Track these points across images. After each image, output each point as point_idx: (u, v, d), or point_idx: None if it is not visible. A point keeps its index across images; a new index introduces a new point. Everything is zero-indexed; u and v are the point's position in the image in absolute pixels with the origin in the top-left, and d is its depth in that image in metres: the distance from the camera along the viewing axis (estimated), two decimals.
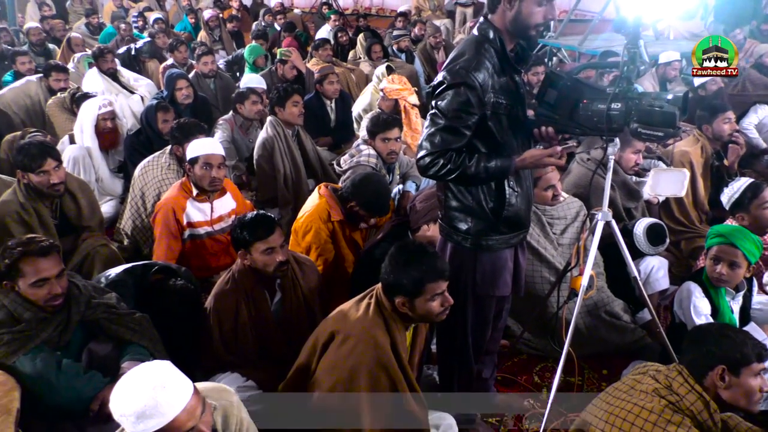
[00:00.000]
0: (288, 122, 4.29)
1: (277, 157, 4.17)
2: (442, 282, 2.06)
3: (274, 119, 4.27)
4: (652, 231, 3.13)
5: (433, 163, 2.00)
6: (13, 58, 6.14)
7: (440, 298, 2.07)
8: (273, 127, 4.24)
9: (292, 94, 4.27)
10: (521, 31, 2.01)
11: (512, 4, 1.97)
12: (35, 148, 3.16)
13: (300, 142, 4.41)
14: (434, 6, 11.19)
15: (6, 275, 2.20)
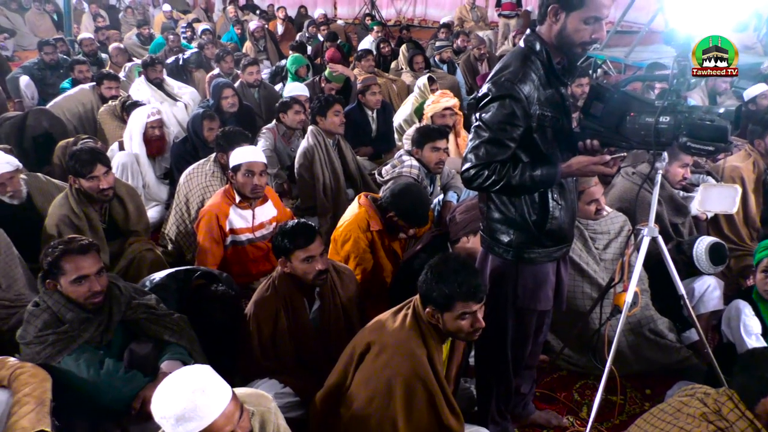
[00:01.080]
0: (329, 131, 4.32)
1: (317, 166, 4.21)
2: (473, 303, 2.03)
3: (315, 129, 4.31)
4: (713, 250, 3.04)
5: (477, 174, 1.98)
6: (71, 66, 6.38)
7: (470, 318, 2.04)
8: (314, 136, 4.28)
9: (334, 104, 4.31)
10: (566, 47, 1.99)
11: (558, 17, 1.95)
12: (86, 154, 3.25)
13: (340, 151, 4.44)
14: (477, 17, 11.18)
15: (49, 273, 2.28)
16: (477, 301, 2.04)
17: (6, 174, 3.34)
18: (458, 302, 2.01)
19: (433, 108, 4.47)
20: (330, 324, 2.67)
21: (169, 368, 2.28)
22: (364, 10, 12.69)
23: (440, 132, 3.81)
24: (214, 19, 12.66)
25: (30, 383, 2.03)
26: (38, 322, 2.24)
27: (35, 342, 2.21)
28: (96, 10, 11.69)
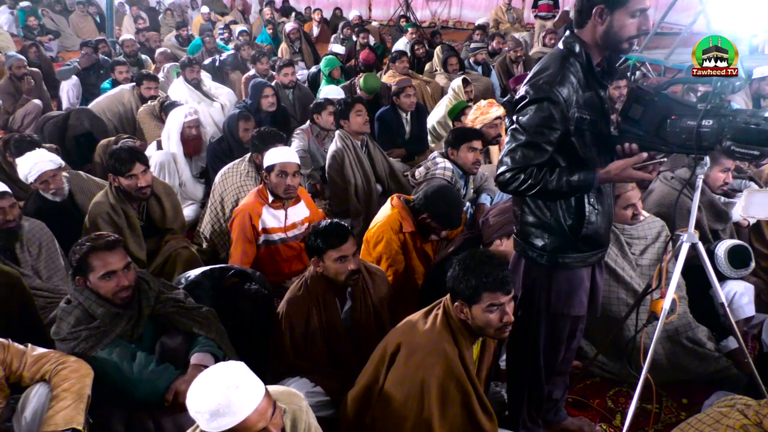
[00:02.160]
0: (355, 132, 4.31)
1: (347, 169, 4.21)
2: (501, 294, 2.02)
3: (341, 132, 4.30)
4: (734, 253, 2.95)
5: (513, 178, 1.96)
6: (112, 67, 6.55)
7: (499, 312, 2.03)
8: (342, 139, 4.27)
9: (354, 104, 4.29)
10: (613, 45, 1.95)
11: (603, 18, 1.92)
12: (125, 153, 3.32)
13: (369, 152, 4.43)
14: (513, 19, 11.09)
15: (78, 271, 2.33)
16: (504, 293, 2.02)
17: (49, 172, 3.44)
18: (485, 293, 2.01)
19: (483, 119, 4.41)
20: (361, 324, 2.68)
21: (199, 360, 2.32)
22: (398, 11, 12.71)
23: (476, 132, 3.80)
24: (251, 21, 12.83)
25: (70, 378, 2.07)
26: (71, 319, 2.29)
27: (69, 338, 2.25)
28: (137, 12, 11.97)
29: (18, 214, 3.05)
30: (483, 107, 4.56)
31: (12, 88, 6.48)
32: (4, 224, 2.96)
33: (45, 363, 2.13)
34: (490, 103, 4.62)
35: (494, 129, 4.47)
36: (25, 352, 2.15)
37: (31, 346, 2.19)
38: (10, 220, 2.97)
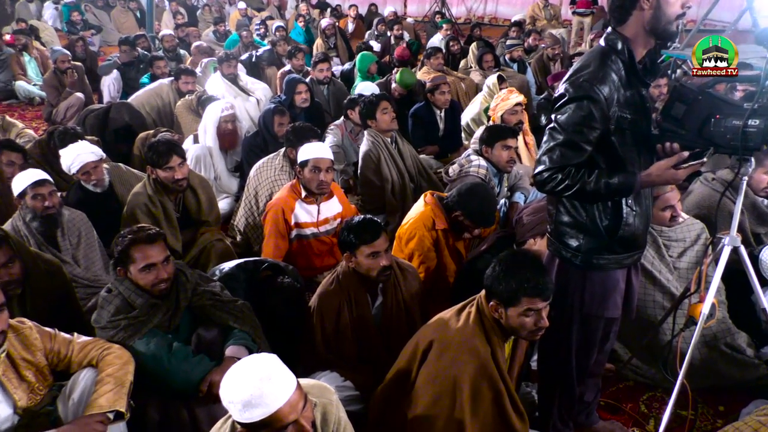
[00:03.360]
0: (383, 130, 4.28)
1: (384, 168, 4.18)
2: (539, 300, 1.99)
3: (371, 131, 4.27)
4: None
5: (551, 178, 1.93)
6: (151, 62, 6.68)
7: (534, 316, 2.01)
8: (372, 138, 4.24)
9: (380, 102, 4.25)
10: (663, 27, 1.90)
11: (650, 1, 1.87)
12: (163, 146, 3.38)
13: (398, 148, 4.40)
14: (550, 15, 10.95)
15: (119, 261, 2.38)
16: (543, 299, 2.00)
17: (91, 163, 3.53)
18: (524, 298, 1.99)
19: (504, 105, 4.39)
20: (391, 320, 2.68)
21: (234, 353, 2.35)
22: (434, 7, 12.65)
23: (511, 131, 3.76)
24: (287, 17, 12.94)
25: (114, 364, 2.14)
26: (111, 308, 2.35)
27: (109, 326, 2.31)
28: (176, 7, 12.17)
29: (58, 202, 3.14)
30: (503, 94, 4.54)
31: (56, 81, 6.66)
32: (44, 211, 3.05)
33: (91, 350, 2.20)
34: (510, 90, 4.59)
35: (515, 116, 4.44)
36: (72, 340, 2.22)
37: (77, 335, 2.27)
38: (50, 207, 3.06)
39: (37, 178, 3.08)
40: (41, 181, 3.07)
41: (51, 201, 3.07)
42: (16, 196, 3.09)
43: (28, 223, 3.05)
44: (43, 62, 8.30)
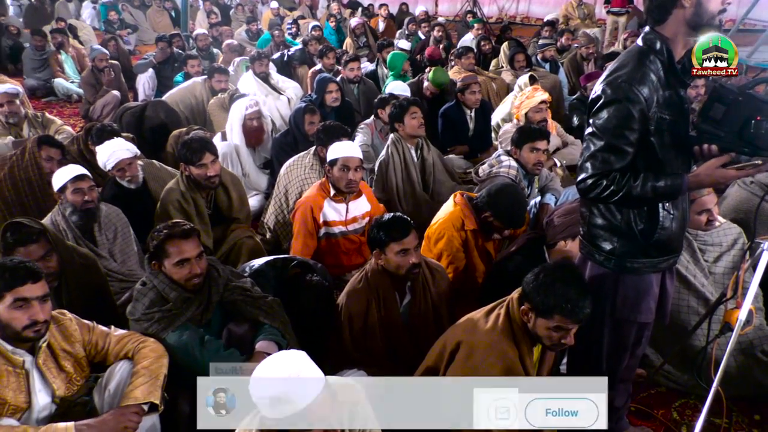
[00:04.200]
0: (410, 136, 4.23)
1: (390, 179, 4.13)
2: (571, 323, 1.98)
3: (395, 137, 4.22)
4: None
5: (595, 185, 1.90)
6: (184, 61, 6.79)
7: (562, 333, 2.00)
8: (393, 144, 4.19)
9: (409, 107, 4.20)
10: (705, 24, 1.87)
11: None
12: (196, 143, 3.44)
13: (422, 155, 4.32)
14: (584, 14, 10.78)
15: (154, 255, 2.44)
16: (576, 322, 1.99)
17: (126, 160, 3.60)
18: (557, 315, 1.98)
19: (528, 103, 4.36)
20: (419, 319, 2.68)
21: (264, 348, 2.38)
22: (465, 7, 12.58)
23: (541, 133, 3.72)
24: (318, 16, 13.01)
25: (149, 357, 2.19)
26: (145, 300, 2.40)
27: (143, 319, 2.37)
28: (210, 7, 12.34)
29: (97, 197, 3.22)
30: (528, 92, 4.50)
31: (93, 79, 6.81)
32: (83, 205, 3.12)
33: (127, 342, 2.26)
34: (535, 88, 4.55)
35: (539, 114, 4.39)
36: (109, 333, 2.29)
37: (113, 328, 2.33)
38: (89, 201, 3.14)
39: (77, 173, 3.16)
40: (81, 176, 3.16)
41: (90, 195, 3.15)
42: (56, 190, 3.17)
43: (67, 217, 3.13)
44: (80, 60, 8.49)
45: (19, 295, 1.98)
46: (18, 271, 2.00)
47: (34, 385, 2.07)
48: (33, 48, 8.11)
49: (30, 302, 2.00)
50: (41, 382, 2.09)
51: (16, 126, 4.82)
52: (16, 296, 1.98)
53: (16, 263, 2.04)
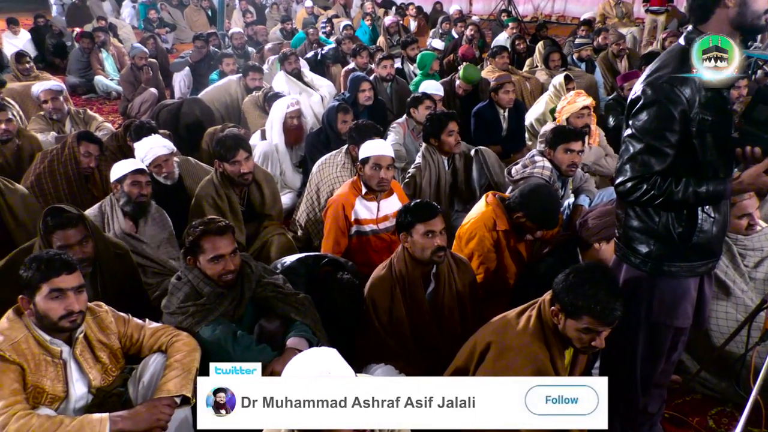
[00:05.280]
0: (445, 152, 4.11)
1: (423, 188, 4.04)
2: (601, 325, 1.95)
3: (428, 150, 4.09)
4: None
5: (635, 188, 1.87)
6: (220, 59, 6.89)
7: (592, 335, 1.97)
8: (424, 157, 4.07)
9: (447, 123, 4.01)
10: (750, 24, 1.82)
11: None
12: (230, 140, 3.48)
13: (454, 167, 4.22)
14: (621, 13, 10.60)
15: (189, 250, 2.48)
16: (606, 324, 1.95)
17: (162, 156, 3.67)
18: (586, 317, 1.95)
19: (570, 108, 4.29)
20: (443, 306, 2.69)
21: (295, 344, 2.41)
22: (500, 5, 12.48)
23: (576, 133, 3.66)
24: (352, 15, 13.06)
25: (182, 350, 2.24)
26: (180, 294, 2.45)
27: (177, 312, 2.41)
28: (245, 6, 12.49)
29: (150, 194, 3.29)
30: (570, 97, 4.42)
31: (132, 77, 6.96)
32: (138, 197, 3.20)
33: (161, 336, 2.31)
34: (578, 93, 4.47)
35: (581, 119, 4.31)
36: (143, 326, 2.34)
37: (148, 321, 2.38)
38: (143, 195, 3.22)
39: (138, 166, 3.27)
40: (141, 170, 3.26)
41: (146, 190, 3.24)
42: (113, 180, 3.25)
43: (120, 207, 3.21)
44: (119, 58, 8.68)
45: (55, 285, 2.04)
46: (53, 262, 2.06)
47: (71, 375, 2.12)
48: (81, 49, 8.36)
49: (65, 293, 2.05)
50: (78, 372, 2.15)
51: (58, 122, 4.96)
52: (51, 287, 2.03)
53: (52, 255, 2.10)
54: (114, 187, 3.27)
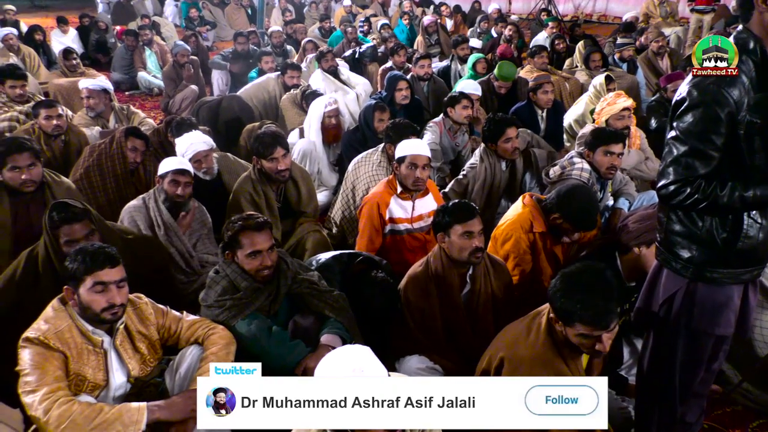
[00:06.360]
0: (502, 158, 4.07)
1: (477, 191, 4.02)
2: (596, 329, 1.90)
3: (485, 153, 4.05)
4: None
5: (678, 191, 1.82)
6: (259, 57, 6.97)
7: (592, 342, 1.93)
8: (481, 159, 4.03)
9: (505, 130, 3.91)
10: None
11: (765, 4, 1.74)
12: (268, 137, 3.53)
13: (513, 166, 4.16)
14: (666, 12, 10.34)
15: (228, 245, 2.52)
16: (601, 328, 1.91)
17: (202, 152, 3.73)
18: (578, 324, 1.92)
19: (609, 110, 4.20)
20: (478, 307, 2.68)
21: (328, 341, 2.43)
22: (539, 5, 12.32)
23: (617, 136, 3.59)
24: (390, 14, 13.07)
25: (218, 344, 2.28)
26: (218, 288, 2.49)
27: (215, 305, 2.46)
28: (284, 5, 12.63)
29: (189, 194, 3.33)
30: (610, 98, 4.33)
31: (174, 74, 7.09)
32: (174, 196, 3.27)
33: (198, 328, 2.35)
34: (618, 94, 4.37)
35: (621, 121, 4.22)
36: (181, 318, 2.39)
37: (185, 313, 2.43)
38: (180, 195, 3.28)
39: (181, 166, 3.32)
40: (183, 171, 3.30)
41: (183, 191, 3.28)
42: (158, 174, 3.34)
43: (157, 199, 3.29)
44: (162, 56, 8.87)
45: (98, 279, 2.09)
46: (98, 256, 2.12)
47: (112, 365, 2.18)
48: (125, 47, 8.58)
49: (108, 286, 2.11)
50: (118, 361, 2.21)
51: (102, 117, 5.09)
52: (95, 280, 2.09)
53: (96, 248, 2.15)
54: (157, 181, 3.35)
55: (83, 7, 13.19)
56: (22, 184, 3.15)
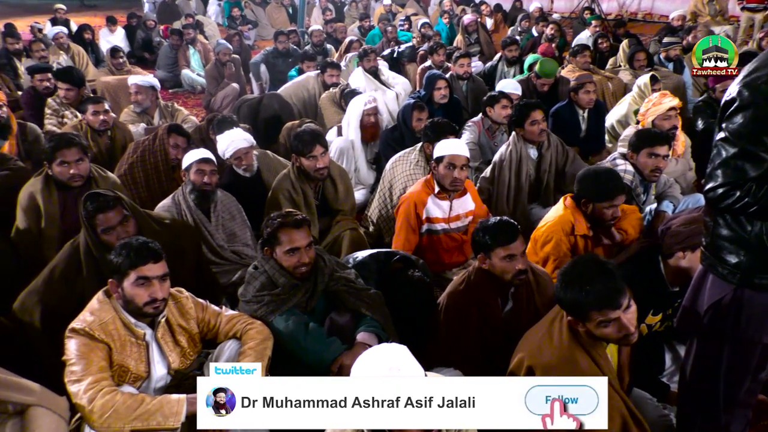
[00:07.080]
0: (530, 141, 4.11)
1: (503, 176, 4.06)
2: (608, 310, 1.88)
3: (516, 138, 4.11)
4: None
5: (727, 195, 1.77)
6: (301, 58, 7.04)
7: (615, 325, 1.90)
8: (513, 143, 4.09)
9: (530, 113, 4.02)
10: None
11: None
12: (307, 135, 3.56)
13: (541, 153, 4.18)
14: (715, 11, 10.03)
15: (267, 242, 2.56)
16: (613, 308, 1.88)
17: (243, 149, 3.79)
18: (591, 311, 1.89)
19: (656, 110, 4.10)
20: (522, 326, 2.60)
21: (365, 339, 2.44)
22: (582, 3, 12.10)
23: (662, 137, 3.50)
24: (429, 13, 13.03)
25: (256, 338, 2.31)
26: (256, 284, 2.53)
27: (253, 300, 2.49)
28: (325, 4, 12.73)
29: (215, 182, 3.42)
30: (655, 98, 4.22)
31: (216, 72, 7.22)
32: (201, 185, 3.34)
33: (236, 323, 2.39)
34: (663, 94, 4.26)
35: (668, 121, 4.12)
36: (220, 313, 2.43)
37: (224, 308, 2.47)
38: (207, 183, 3.35)
39: (203, 156, 3.41)
40: (206, 159, 3.39)
41: (210, 179, 3.36)
42: (183, 168, 3.43)
43: (186, 195, 3.36)
44: (205, 55, 9.04)
45: (142, 273, 2.15)
46: (141, 251, 2.17)
47: (153, 357, 2.23)
48: (170, 46, 8.78)
49: (151, 281, 2.16)
50: (159, 354, 2.26)
51: (147, 114, 5.21)
52: (138, 274, 2.14)
53: (140, 243, 2.21)
54: (182, 176, 3.42)
55: (131, 7, 13.54)
56: (70, 178, 3.25)
